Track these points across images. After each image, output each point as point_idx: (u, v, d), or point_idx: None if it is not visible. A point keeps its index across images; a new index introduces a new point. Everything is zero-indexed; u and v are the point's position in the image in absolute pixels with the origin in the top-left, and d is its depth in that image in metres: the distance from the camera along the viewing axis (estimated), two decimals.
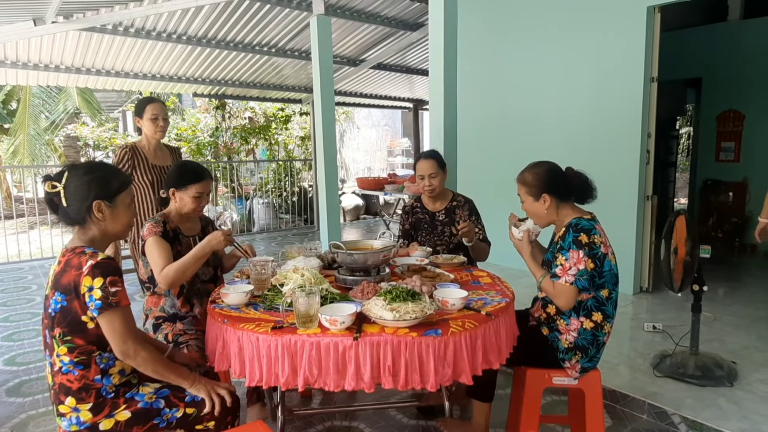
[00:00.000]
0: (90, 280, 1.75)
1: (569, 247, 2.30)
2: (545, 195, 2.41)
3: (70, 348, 1.81)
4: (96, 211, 1.86)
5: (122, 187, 1.94)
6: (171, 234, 2.65)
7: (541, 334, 2.46)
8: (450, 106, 4.50)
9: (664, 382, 3.34)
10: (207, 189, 2.72)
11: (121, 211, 1.93)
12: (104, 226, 1.90)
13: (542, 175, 2.44)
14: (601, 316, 2.37)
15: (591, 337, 2.37)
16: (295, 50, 8.28)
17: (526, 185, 2.47)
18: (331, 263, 2.79)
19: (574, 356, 2.38)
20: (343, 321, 1.87)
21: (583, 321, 2.38)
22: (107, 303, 1.75)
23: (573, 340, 2.38)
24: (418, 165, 3.31)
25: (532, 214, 2.50)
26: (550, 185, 2.41)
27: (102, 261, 1.78)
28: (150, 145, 3.64)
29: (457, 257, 2.97)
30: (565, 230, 2.36)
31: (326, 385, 1.86)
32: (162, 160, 3.69)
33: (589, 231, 2.31)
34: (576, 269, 2.27)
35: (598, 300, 2.36)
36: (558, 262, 2.33)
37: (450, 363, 1.92)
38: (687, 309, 4.73)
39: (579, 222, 2.34)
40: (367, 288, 2.20)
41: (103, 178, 1.90)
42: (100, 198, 1.87)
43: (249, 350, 1.95)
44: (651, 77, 5.07)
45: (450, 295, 2.13)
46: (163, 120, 3.57)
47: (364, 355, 1.85)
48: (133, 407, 1.88)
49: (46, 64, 7.34)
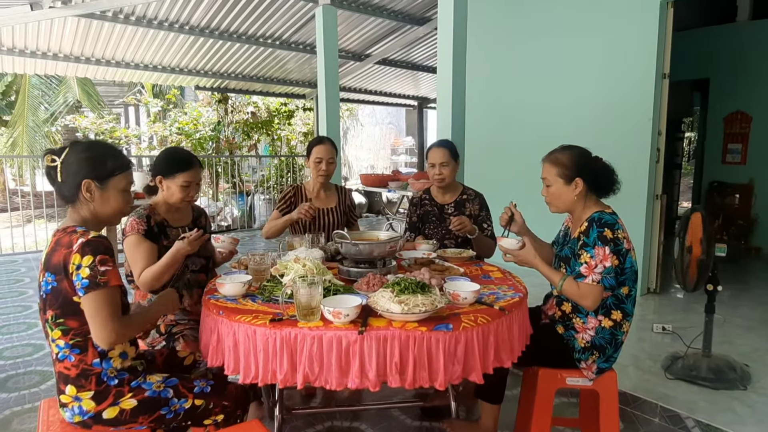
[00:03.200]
0: (79, 257, 1.65)
1: (594, 243, 2.15)
2: (578, 179, 2.25)
3: (64, 331, 1.71)
4: (84, 190, 1.77)
5: (117, 170, 1.83)
6: (156, 229, 2.51)
7: (555, 332, 2.34)
8: (458, 101, 4.40)
9: (676, 384, 3.22)
10: (196, 178, 2.57)
11: (111, 195, 1.82)
12: (93, 208, 1.81)
13: (579, 157, 2.27)
14: (620, 314, 2.25)
15: (609, 337, 2.25)
16: (300, 43, 8.16)
17: (558, 166, 2.28)
18: (334, 255, 2.67)
19: (590, 356, 2.26)
20: (347, 314, 1.74)
21: (601, 320, 2.25)
22: (95, 282, 1.64)
23: (590, 339, 2.26)
24: (429, 153, 3.19)
25: (556, 198, 2.32)
26: (585, 170, 2.25)
27: (93, 239, 1.68)
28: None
29: (466, 251, 2.85)
30: (588, 225, 2.21)
31: (327, 383, 1.73)
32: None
33: (612, 226, 2.17)
34: (602, 267, 2.14)
35: (618, 298, 2.24)
36: (582, 260, 2.18)
37: (460, 360, 1.79)
38: (695, 310, 4.64)
39: (602, 216, 2.20)
40: (373, 280, 2.08)
41: (98, 158, 1.81)
42: (90, 177, 1.77)
43: (245, 344, 1.82)
44: (663, 74, 4.94)
45: (461, 288, 2.00)
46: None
47: (369, 351, 1.72)
48: (140, 396, 1.80)
49: (44, 52, 7.23)
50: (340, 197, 3.43)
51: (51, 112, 13.89)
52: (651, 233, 5.05)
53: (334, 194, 3.43)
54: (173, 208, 2.63)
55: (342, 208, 3.40)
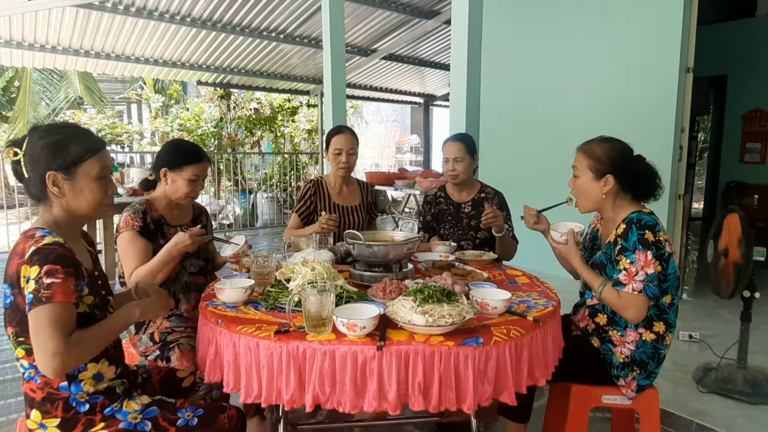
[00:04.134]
0: (27, 268, 1.40)
1: (634, 247, 1.93)
2: (609, 176, 2.03)
3: (27, 350, 1.47)
4: (50, 184, 1.50)
5: (85, 154, 1.53)
6: (152, 226, 2.30)
7: (590, 345, 2.11)
8: (473, 96, 4.20)
9: (710, 398, 3.00)
10: (204, 172, 2.38)
11: (84, 185, 1.54)
12: (66, 204, 1.54)
13: (615, 152, 2.05)
14: (663, 326, 2.02)
15: (651, 351, 2.02)
16: (304, 37, 7.94)
17: (591, 158, 2.07)
18: (344, 257, 2.44)
19: (630, 372, 2.03)
20: (364, 326, 1.52)
21: (642, 332, 2.02)
22: (36, 297, 1.37)
23: (629, 354, 2.03)
24: (444, 147, 2.97)
25: (582, 193, 2.11)
26: (619, 167, 2.03)
27: (44, 246, 1.41)
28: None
29: (486, 253, 2.61)
30: (626, 227, 1.98)
31: (341, 405, 1.50)
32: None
33: (653, 227, 1.94)
34: (644, 274, 1.91)
35: (660, 307, 2.01)
36: (621, 266, 1.95)
37: (491, 379, 1.57)
38: (721, 316, 4.41)
39: (641, 217, 1.97)
40: (389, 286, 1.85)
41: (58, 144, 1.51)
42: (53, 168, 1.50)
43: (246, 359, 1.60)
44: (687, 67, 4.70)
45: (490, 296, 1.78)
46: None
47: (389, 369, 1.49)
48: (113, 427, 1.54)
49: (42, 45, 7.03)
50: (363, 193, 3.20)
51: (52, 108, 13.68)
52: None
53: (357, 190, 3.19)
54: (173, 205, 2.42)
55: (365, 205, 3.18)
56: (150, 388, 1.87)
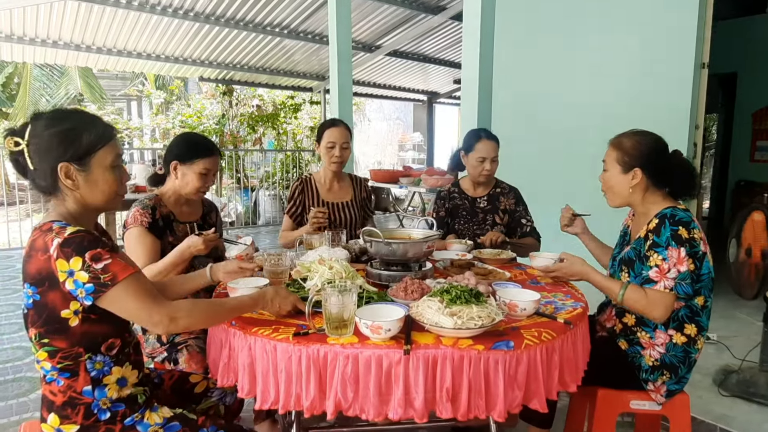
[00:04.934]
0: (65, 263, 1.31)
1: (667, 243, 1.84)
2: (637, 170, 1.95)
3: (51, 352, 1.39)
4: (63, 176, 1.40)
5: (97, 143, 1.44)
6: (161, 222, 2.22)
7: (617, 347, 2.02)
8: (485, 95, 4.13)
9: (733, 402, 2.91)
10: (215, 166, 2.30)
11: (98, 175, 1.45)
12: (80, 197, 1.45)
13: (644, 146, 1.97)
14: (695, 328, 1.93)
15: (682, 355, 1.93)
16: (308, 33, 7.84)
17: (620, 151, 2.00)
18: (359, 255, 2.35)
19: (660, 377, 1.94)
20: (389, 328, 1.43)
21: (672, 334, 1.93)
22: (100, 284, 1.32)
23: (659, 357, 1.94)
24: (477, 145, 2.84)
25: (610, 186, 2.05)
26: (648, 161, 1.95)
27: (70, 237, 1.33)
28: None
29: (504, 252, 2.52)
30: (659, 222, 1.89)
31: (364, 412, 1.41)
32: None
33: (688, 224, 1.85)
34: (676, 271, 1.82)
35: (693, 309, 1.92)
36: (652, 262, 1.86)
37: (521, 384, 1.48)
38: (736, 317, 4.33)
39: (675, 213, 1.88)
40: (411, 285, 1.76)
41: (69, 133, 1.41)
42: (65, 159, 1.40)
43: (263, 362, 1.50)
44: (702, 63, 4.61)
45: (518, 297, 1.69)
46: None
47: (415, 374, 1.40)
48: None
49: (43, 40, 6.93)
50: (356, 188, 3.06)
51: (52, 105, 13.57)
52: None
53: (349, 185, 3.06)
54: (183, 201, 2.34)
55: (358, 201, 3.03)
56: (162, 393, 1.78)
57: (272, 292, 1.63)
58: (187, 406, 1.79)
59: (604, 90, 5.12)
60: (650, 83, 4.76)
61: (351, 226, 2.90)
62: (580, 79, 5.34)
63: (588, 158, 4.75)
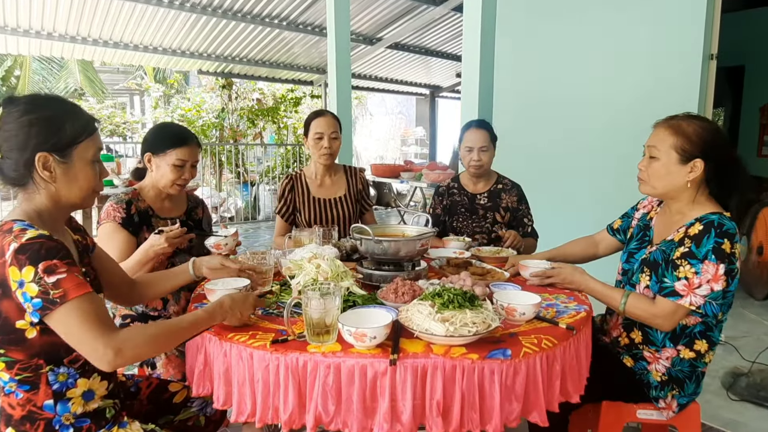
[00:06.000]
0: (17, 271, 1.17)
1: (706, 256, 1.60)
2: (699, 161, 1.66)
3: (8, 363, 1.26)
4: (40, 167, 1.27)
5: (81, 133, 1.32)
6: (137, 218, 2.10)
7: (622, 364, 1.88)
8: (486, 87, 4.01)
9: (743, 407, 2.79)
10: (192, 157, 2.16)
11: (79, 169, 1.33)
12: (55, 190, 1.31)
13: (710, 134, 1.67)
14: (706, 345, 1.77)
15: (689, 369, 1.79)
16: (307, 24, 7.70)
17: (679, 136, 1.68)
18: (350, 253, 2.23)
19: (670, 391, 1.81)
20: (374, 335, 1.31)
21: (680, 350, 1.77)
22: (49, 301, 1.18)
23: (665, 371, 1.80)
24: (466, 135, 2.73)
25: (659, 178, 1.74)
26: (712, 153, 1.66)
27: (28, 242, 1.19)
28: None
29: (504, 250, 2.39)
30: (703, 230, 1.63)
31: (347, 427, 1.30)
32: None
33: (733, 237, 1.62)
34: (709, 289, 1.60)
35: (708, 325, 1.75)
36: (682, 273, 1.63)
37: (520, 396, 1.36)
38: (745, 317, 4.19)
39: (723, 222, 1.62)
40: (401, 287, 1.63)
41: (51, 120, 1.29)
42: (45, 149, 1.27)
43: (239, 371, 1.39)
44: (710, 54, 4.47)
45: (517, 300, 1.56)
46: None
47: (403, 386, 1.29)
48: None
49: (37, 31, 6.82)
50: (351, 181, 2.89)
51: None
52: None
53: (343, 178, 2.89)
54: (163, 195, 2.21)
55: (353, 195, 2.87)
56: (138, 404, 1.67)
57: (228, 301, 1.48)
58: (165, 417, 1.68)
59: (609, 82, 4.98)
60: (657, 75, 4.62)
61: (345, 223, 2.76)
62: (584, 71, 5.20)
63: (591, 152, 4.65)
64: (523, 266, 1.99)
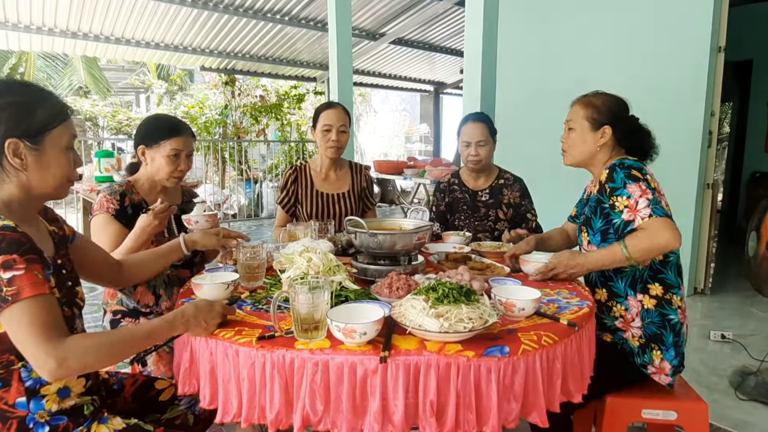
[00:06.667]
0: None
1: (623, 183, 1.77)
2: (607, 128, 1.90)
3: None
4: (10, 154, 1.22)
5: (54, 120, 1.28)
6: (130, 210, 2.06)
7: (603, 342, 1.88)
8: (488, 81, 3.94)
9: (752, 407, 2.71)
10: (186, 147, 2.12)
11: (51, 156, 1.28)
12: (26, 179, 1.26)
13: (614, 105, 1.94)
14: (660, 287, 1.83)
15: (659, 319, 1.83)
16: (310, 19, 7.65)
17: (589, 108, 1.94)
18: (346, 248, 2.17)
19: (652, 352, 1.82)
20: (364, 331, 1.24)
21: (642, 299, 1.84)
22: (0, 298, 1.13)
23: (641, 334, 1.84)
24: (463, 129, 2.67)
25: (576, 146, 1.98)
26: (617, 120, 1.91)
27: None
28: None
29: (506, 245, 2.32)
30: (609, 171, 1.83)
31: (336, 426, 1.24)
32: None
33: (640, 169, 1.80)
34: (645, 200, 1.72)
35: (652, 267, 1.83)
36: (618, 207, 1.77)
37: (518, 395, 1.29)
38: (754, 315, 4.10)
39: (623, 161, 1.83)
40: (396, 281, 1.57)
41: (21, 106, 1.24)
42: (15, 135, 1.22)
43: (224, 369, 1.33)
44: (718, 46, 4.39)
45: (516, 295, 1.50)
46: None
47: (394, 385, 1.22)
48: None
49: (38, 27, 6.79)
50: (355, 177, 2.84)
51: None
52: (700, 226, 4.49)
53: (347, 174, 2.83)
54: (157, 188, 2.17)
55: (357, 192, 2.82)
56: (121, 401, 1.61)
57: (192, 309, 1.39)
58: (151, 416, 1.62)
59: (615, 75, 4.89)
60: (664, 68, 4.54)
61: None
62: (589, 63, 5.12)
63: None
64: (524, 261, 1.94)
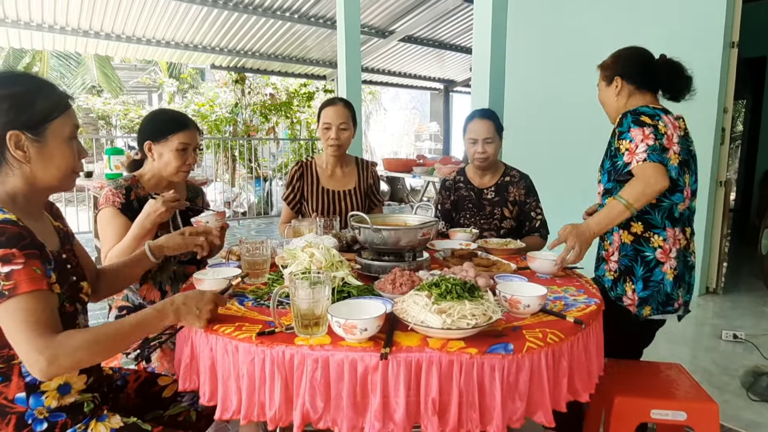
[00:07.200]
0: None
1: (628, 127, 1.86)
2: (617, 78, 2.03)
3: None
4: (12, 146, 1.21)
5: (55, 110, 1.26)
6: (136, 204, 2.04)
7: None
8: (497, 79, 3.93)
9: (764, 408, 2.67)
10: (194, 140, 2.12)
11: (54, 147, 1.26)
12: (30, 171, 1.25)
13: (621, 56, 2.07)
14: (641, 226, 1.92)
15: (632, 253, 1.94)
16: (319, 17, 7.63)
17: (602, 68, 2.11)
18: (351, 244, 2.15)
19: (625, 284, 1.93)
20: (365, 327, 1.22)
21: (621, 233, 1.97)
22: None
23: (616, 268, 1.99)
24: (469, 126, 2.64)
25: (604, 105, 2.14)
26: (626, 67, 2.03)
27: None
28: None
29: (513, 242, 2.30)
30: (621, 117, 1.93)
31: (336, 424, 1.22)
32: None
33: (653, 116, 1.87)
34: (645, 145, 1.80)
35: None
36: (622, 149, 1.86)
37: (523, 394, 1.27)
38: (767, 315, 4.05)
39: (638, 109, 1.92)
40: (400, 278, 1.55)
41: (19, 97, 1.22)
42: (17, 127, 1.21)
43: (224, 365, 1.32)
44: (731, 42, 4.32)
45: (521, 292, 1.47)
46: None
47: (395, 382, 1.20)
48: None
49: (50, 25, 6.83)
50: (362, 174, 2.81)
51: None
52: (713, 224, 4.43)
53: (354, 171, 2.81)
54: (163, 183, 2.16)
55: (363, 189, 2.80)
56: (124, 397, 1.60)
57: (181, 297, 1.36)
58: (154, 412, 1.61)
59: None
60: None
61: None
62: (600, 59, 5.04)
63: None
64: (531, 258, 1.91)
